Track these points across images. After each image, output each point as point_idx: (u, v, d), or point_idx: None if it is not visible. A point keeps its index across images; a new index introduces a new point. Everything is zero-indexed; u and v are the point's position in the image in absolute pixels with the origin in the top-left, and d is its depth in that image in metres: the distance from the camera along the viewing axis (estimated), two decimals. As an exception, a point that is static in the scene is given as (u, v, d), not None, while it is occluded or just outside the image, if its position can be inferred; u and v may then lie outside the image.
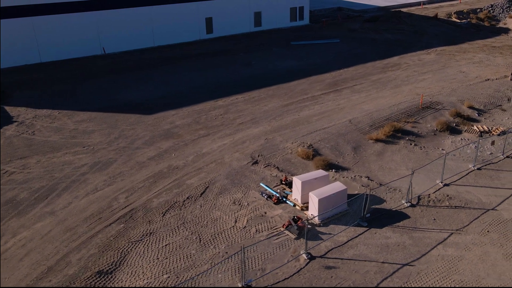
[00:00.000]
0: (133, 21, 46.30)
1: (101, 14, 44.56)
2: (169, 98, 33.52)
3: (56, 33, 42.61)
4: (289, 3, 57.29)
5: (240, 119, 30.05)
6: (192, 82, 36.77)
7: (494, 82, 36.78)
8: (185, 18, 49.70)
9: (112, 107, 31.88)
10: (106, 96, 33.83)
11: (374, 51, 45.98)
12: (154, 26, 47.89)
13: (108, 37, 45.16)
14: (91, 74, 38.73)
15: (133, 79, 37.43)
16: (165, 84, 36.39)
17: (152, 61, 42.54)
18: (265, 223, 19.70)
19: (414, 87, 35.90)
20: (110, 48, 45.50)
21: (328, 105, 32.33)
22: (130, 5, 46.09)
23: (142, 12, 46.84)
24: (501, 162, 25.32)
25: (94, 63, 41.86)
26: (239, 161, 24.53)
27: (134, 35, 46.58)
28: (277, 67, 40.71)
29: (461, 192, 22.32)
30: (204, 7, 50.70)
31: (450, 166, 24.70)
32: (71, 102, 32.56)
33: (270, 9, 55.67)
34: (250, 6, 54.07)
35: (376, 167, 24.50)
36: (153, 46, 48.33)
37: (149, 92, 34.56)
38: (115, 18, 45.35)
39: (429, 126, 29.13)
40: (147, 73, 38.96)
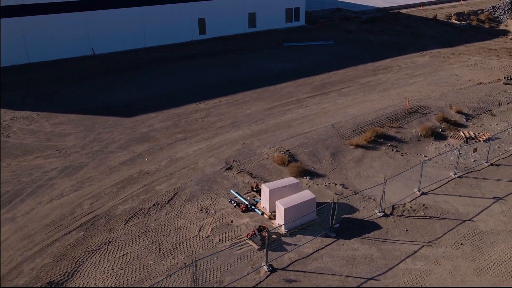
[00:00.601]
0: (123, 22, 45.83)
1: (90, 14, 44.14)
2: (152, 100, 32.97)
3: (45, 34, 42.23)
4: (285, 4, 56.57)
5: (221, 123, 29.42)
6: (178, 84, 36.21)
7: (486, 86, 35.85)
8: (178, 19, 49.15)
9: (93, 109, 31.38)
10: (89, 98, 33.36)
11: (367, 53, 45.16)
12: (146, 27, 47.40)
13: (98, 37, 44.72)
14: (77, 75, 38.30)
15: (118, 80, 36.94)
16: (150, 86, 35.86)
17: (141, 62, 42.04)
18: (230, 232, 19.05)
19: (403, 90, 35.07)
20: (100, 49, 45.06)
21: (312, 109, 31.60)
22: (120, 6, 45.62)
23: (133, 13, 46.37)
24: (484, 170, 24.47)
25: (82, 64, 41.44)
26: (212, 166, 23.90)
27: (125, 35, 46.11)
28: (266, 69, 40.04)
29: (438, 201, 21.52)
30: (196, 7, 50.13)
31: (430, 173, 23.90)
32: (52, 104, 32.12)
33: (265, 10, 54.99)
34: (244, 7, 53.42)
35: (353, 174, 23.75)
36: (145, 46, 47.85)
37: (133, 94, 34.04)
38: (105, 19, 44.90)
39: (414, 131, 28.32)
40: (133, 74, 38.46)
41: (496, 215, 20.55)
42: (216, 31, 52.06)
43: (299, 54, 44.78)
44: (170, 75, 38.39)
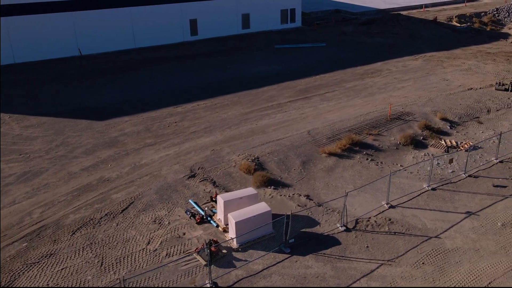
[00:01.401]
0: (112, 22, 45.21)
1: (78, 14, 43.59)
2: (130, 103, 32.24)
3: (31, 34, 41.75)
4: (280, 5, 55.56)
5: (194, 128, 28.54)
6: (159, 86, 35.44)
7: (477, 91, 34.51)
8: (168, 20, 48.41)
9: (67, 112, 30.71)
10: (66, 100, 32.72)
11: (359, 56, 43.97)
12: (135, 27, 46.72)
13: (85, 38, 44.14)
14: (59, 76, 37.73)
15: (100, 82, 36.30)
16: (131, 88, 35.14)
17: (127, 63, 41.36)
18: (180, 246, 18.15)
19: (389, 95, 33.88)
20: (87, 50, 44.48)
21: (291, 114, 30.58)
22: (109, 6, 44.97)
23: (122, 13, 45.73)
24: (461, 182, 23.26)
25: (68, 65, 40.88)
26: (176, 174, 23.03)
27: (114, 36, 45.47)
28: (252, 72, 39.09)
29: (406, 215, 20.39)
30: (188, 8, 49.35)
31: (403, 185, 22.77)
32: (27, 106, 31.54)
33: (259, 11, 54.02)
34: (237, 8, 52.51)
35: (321, 184, 22.71)
36: (135, 47, 47.16)
37: (112, 97, 33.35)
38: (93, 19, 44.31)
39: (393, 139, 27.17)
40: (117, 76, 37.80)
41: (466, 231, 19.38)
42: (209, 32, 51.22)
43: (289, 56, 43.76)
44: (154, 77, 37.62)
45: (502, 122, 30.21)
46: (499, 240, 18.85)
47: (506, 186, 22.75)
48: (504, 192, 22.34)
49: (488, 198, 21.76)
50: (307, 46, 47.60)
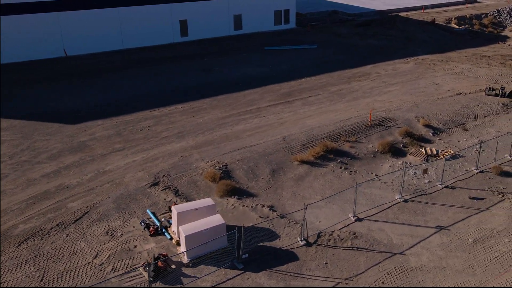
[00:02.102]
0: (99, 23, 44.52)
1: (63, 15, 42.94)
2: (106, 106, 31.49)
3: (16, 34, 41.14)
4: (273, 6, 54.55)
5: (167, 132, 27.70)
6: (141, 89, 34.67)
7: (466, 96, 33.31)
8: (158, 20, 47.63)
9: (40, 114, 30.05)
10: (42, 102, 32.06)
11: (349, 59, 42.88)
12: (123, 28, 45.98)
13: (71, 38, 43.46)
14: (40, 78, 37.11)
15: (81, 84, 35.65)
16: (112, 90, 34.42)
17: (112, 64, 40.65)
18: (128, 260, 17.28)
19: (374, 100, 32.79)
20: (73, 50, 43.82)
21: (269, 119, 29.63)
22: (95, 6, 44.28)
23: (109, 14, 45.03)
24: (436, 193, 22.17)
25: (51, 66, 40.26)
26: (138, 181, 22.19)
27: (101, 36, 44.77)
28: (237, 74, 38.18)
29: (372, 229, 19.36)
30: (178, 9, 48.53)
31: (375, 195, 21.74)
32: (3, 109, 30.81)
33: (251, 12, 53.06)
34: (229, 9, 51.61)
35: (288, 194, 21.73)
36: (122, 48, 46.40)
37: (90, 99, 32.65)
38: (79, 19, 43.67)
39: (371, 146, 26.12)
40: (99, 77, 37.13)
41: (434, 248, 18.31)
42: (199, 33, 50.36)
43: (278, 58, 42.78)
44: (137, 79, 36.87)
45: (489, 129, 29.03)
46: (468, 258, 17.77)
47: (483, 199, 21.62)
48: (480, 205, 21.22)
49: (462, 212, 20.66)
50: (297, 48, 46.59)
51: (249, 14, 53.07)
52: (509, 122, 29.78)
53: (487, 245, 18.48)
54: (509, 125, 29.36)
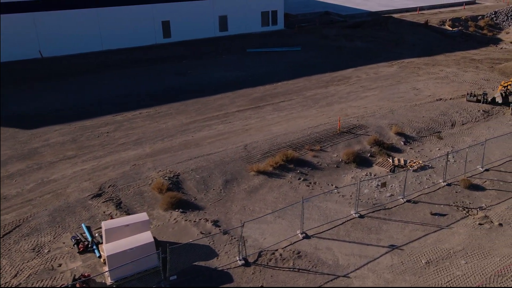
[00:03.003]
0: (77, 23, 43.53)
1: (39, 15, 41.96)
2: (68, 110, 30.45)
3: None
4: (260, 7, 53.27)
5: (124, 139, 26.51)
6: (108, 92, 33.60)
7: (446, 102, 31.81)
8: (138, 21, 46.53)
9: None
10: (4, 106, 30.96)
11: (331, 62, 41.47)
12: (103, 29, 44.93)
13: (47, 39, 42.47)
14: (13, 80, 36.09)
15: (49, 86, 34.71)
16: (79, 93, 33.40)
17: (87, 66, 39.61)
18: (49, 280, 16.11)
19: (349, 106, 31.38)
20: (50, 52, 42.83)
21: (235, 125, 28.35)
22: (73, 7, 43.25)
23: (87, 14, 43.99)
24: (397, 207, 20.76)
25: (24, 68, 39.30)
26: (81, 192, 21.01)
27: (79, 38, 43.75)
28: (212, 78, 36.95)
29: (320, 248, 18.01)
30: (160, 9, 47.41)
31: (329, 210, 20.38)
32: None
33: (237, 13, 51.81)
34: (214, 10, 50.39)
35: (237, 208, 20.44)
36: (102, 50, 45.33)
37: (54, 102, 31.66)
38: (56, 20, 42.68)
39: (335, 156, 24.74)
40: (70, 80, 36.15)
41: (382, 270, 16.92)
42: (183, 34, 49.20)
43: (258, 61, 41.49)
44: (108, 82, 35.78)
45: (465, 137, 27.53)
46: (417, 282, 16.37)
47: (446, 215, 20.18)
48: (442, 221, 19.79)
49: (420, 229, 19.24)
50: (280, 50, 45.25)
51: (235, 15, 51.83)
52: (487, 131, 28.26)
53: (441, 267, 17.06)
54: (487, 134, 27.84)
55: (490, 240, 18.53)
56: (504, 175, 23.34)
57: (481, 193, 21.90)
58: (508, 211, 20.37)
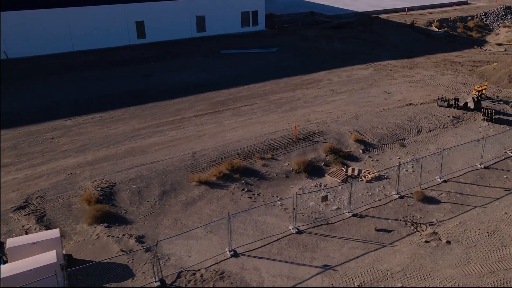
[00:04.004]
0: (45, 23, 42.37)
1: (5, 14, 40.75)
2: (18, 114, 29.31)
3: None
4: (240, 7, 51.93)
5: (69, 145, 25.23)
6: (67, 95, 32.46)
7: (416, 107, 30.32)
8: (111, 21, 45.33)
9: None
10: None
11: (306, 64, 40.06)
12: (73, 30, 43.73)
13: (13, 40, 41.26)
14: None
15: (8, 89, 33.53)
16: (37, 96, 32.28)
17: (52, 68, 38.41)
18: None
19: (313, 111, 29.96)
20: (16, 53, 41.59)
21: (188, 131, 27.01)
22: (41, 6, 42.06)
23: (56, 14, 42.78)
24: (340, 222, 19.33)
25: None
26: (5, 204, 19.79)
27: (47, 38, 42.60)
28: (178, 80, 35.66)
29: (246, 268, 16.62)
30: (133, 9, 46.19)
31: (267, 225, 19.01)
32: None
33: (215, 13, 50.49)
34: (191, 10, 49.12)
35: (169, 221, 19.09)
36: (72, 50, 44.11)
37: (7, 106, 30.40)
38: (22, 20, 41.43)
39: (287, 164, 23.34)
40: (31, 82, 34.97)
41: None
42: (158, 35, 47.94)
43: (231, 63, 40.16)
44: (70, 84, 34.62)
45: (429, 145, 26.05)
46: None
47: (391, 231, 18.73)
48: (386, 238, 18.34)
49: (360, 247, 17.80)
50: (255, 51, 43.87)
51: (213, 15, 50.54)
52: (454, 138, 26.77)
53: (374, 291, 15.64)
54: (453, 141, 26.36)
55: (434, 260, 17.07)
56: (462, 187, 21.85)
57: (435, 206, 20.43)
58: (459, 227, 18.90)
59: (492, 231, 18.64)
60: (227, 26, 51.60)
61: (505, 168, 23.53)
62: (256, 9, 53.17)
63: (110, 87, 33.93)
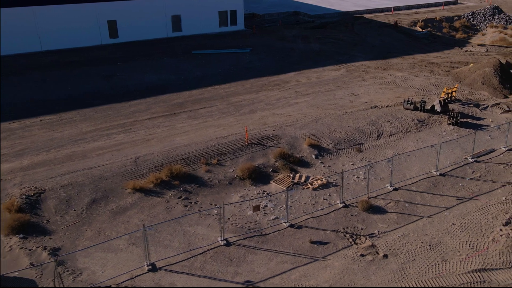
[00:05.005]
0: (12, 22, 41.21)
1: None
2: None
3: None
4: (218, 7, 50.74)
5: (8, 150, 24.19)
6: (22, 97, 31.38)
7: (381, 110, 29.09)
8: (81, 21, 44.24)
9: None
10: None
11: (277, 64, 38.88)
12: (40, 29, 42.62)
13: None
14: None
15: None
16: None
17: (15, 68, 37.30)
18: None
19: (272, 113, 28.78)
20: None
21: (137, 135, 25.88)
22: (7, 5, 41.01)
23: (22, 13, 41.65)
24: (275, 234, 18.16)
25: None
26: None
27: (13, 37, 41.44)
28: (140, 81, 34.55)
29: (162, 284, 15.51)
30: (105, 8, 45.09)
31: (196, 236, 17.90)
32: None
33: (192, 13, 49.34)
34: (166, 9, 47.97)
35: (92, 232, 17.97)
36: (41, 50, 43.04)
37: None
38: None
39: (232, 171, 22.18)
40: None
41: (222, 313, 14.30)
42: (132, 35, 46.83)
43: (200, 63, 39.05)
44: (30, 84, 33.59)
45: (388, 150, 24.83)
46: (256, 330, 13.73)
47: (327, 243, 17.53)
48: (319, 251, 17.14)
49: (290, 261, 16.61)
50: (228, 52, 42.70)
51: (190, 14, 49.40)
52: (415, 143, 25.53)
53: (294, 311, 14.43)
54: (414, 146, 25.14)
55: (366, 275, 15.85)
56: (413, 196, 20.61)
57: (380, 216, 19.20)
58: (401, 240, 17.67)
59: (435, 244, 17.40)
60: (204, 26, 50.46)
61: (462, 175, 22.27)
62: (235, 9, 51.99)
63: (68, 88, 32.87)
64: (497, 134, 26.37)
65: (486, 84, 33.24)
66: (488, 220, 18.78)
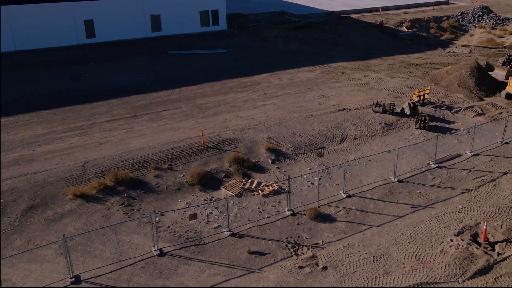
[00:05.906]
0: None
1: None
2: None
3: None
4: (199, 6, 49.99)
5: (-44, 153, 23.32)
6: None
7: (349, 113, 28.21)
8: (56, 20, 43.58)
9: None
10: None
11: (252, 65, 38.05)
12: (14, 28, 41.92)
13: None
14: None
15: None
16: None
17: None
18: None
19: (236, 116, 27.94)
20: (-47, 52, 39.90)
21: (92, 138, 25.10)
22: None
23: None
24: (214, 243, 17.32)
25: None
26: None
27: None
28: (108, 82, 33.80)
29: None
30: (81, 8, 44.41)
31: (130, 245, 17.08)
32: None
33: (172, 12, 48.58)
34: (144, 8, 47.23)
35: (21, 241, 17.22)
36: (14, 50, 42.34)
37: None
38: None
39: (182, 176, 21.36)
40: None
41: (139, 330, 13.45)
42: (110, 34, 46.10)
43: (174, 64, 38.27)
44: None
45: (349, 155, 23.95)
46: None
47: (266, 254, 16.66)
48: (256, 263, 16.28)
49: (223, 273, 15.75)
50: (204, 52, 41.88)
51: (169, 14, 48.66)
52: (379, 147, 24.64)
53: (215, 328, 13.57)
54: (377, 151, 24.22)
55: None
56: (366, 203, 19.72)
57: (327, 225, 18.33)
58: (345, 250, 16.78)
59: (379, 255, 16.51)
60: (185, 26, 49.69)
61: (421, 181, 21.36)
62: (217, 8, 51.21)
63: (32, 89, 32.14)
64: (465, 138, 25.45)
65: (461, 86, 32.30)
66: (440, 229, 17.88)
